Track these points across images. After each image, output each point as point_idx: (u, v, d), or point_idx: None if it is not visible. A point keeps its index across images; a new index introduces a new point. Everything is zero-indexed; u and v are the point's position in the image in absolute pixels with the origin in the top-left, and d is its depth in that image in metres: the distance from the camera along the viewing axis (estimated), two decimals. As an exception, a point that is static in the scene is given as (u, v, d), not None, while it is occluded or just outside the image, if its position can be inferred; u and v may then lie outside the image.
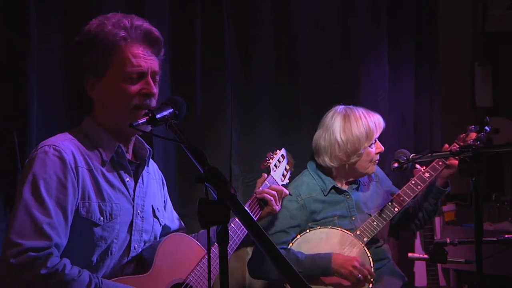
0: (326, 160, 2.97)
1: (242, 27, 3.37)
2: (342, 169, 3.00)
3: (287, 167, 2.76)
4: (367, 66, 3.89)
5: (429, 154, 2.70)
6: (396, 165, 2.83)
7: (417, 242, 4.08)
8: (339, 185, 3.01)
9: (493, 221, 4.17)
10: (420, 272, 3.95)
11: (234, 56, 3.33)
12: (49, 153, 1.95)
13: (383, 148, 2.99)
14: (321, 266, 2.80)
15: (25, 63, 2.51)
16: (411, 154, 2.84)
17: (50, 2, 2.65)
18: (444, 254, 2.53)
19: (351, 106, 3.01)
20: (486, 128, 3.06)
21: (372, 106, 3.50)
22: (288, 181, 2.75)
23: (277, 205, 2.49)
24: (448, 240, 2.54)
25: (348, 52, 3.82)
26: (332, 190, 3.01)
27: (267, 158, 2.67)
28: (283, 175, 2.71)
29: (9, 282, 1.86)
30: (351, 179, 3.05)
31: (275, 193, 2.49)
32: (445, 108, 4.36)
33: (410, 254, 2.82)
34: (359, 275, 2.77)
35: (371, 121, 2.94)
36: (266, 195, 2.47)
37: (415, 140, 4.17)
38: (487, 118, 3.09)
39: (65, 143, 2.00)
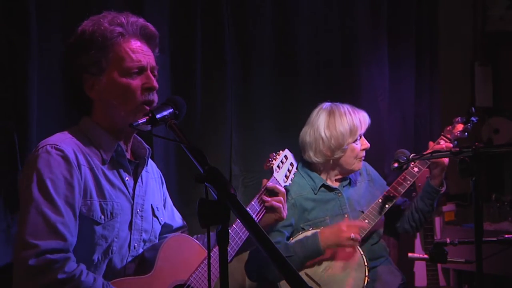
0: (311, 156, 2.99)
1: (242, 27, 3.37)
2: (327, 164, 3.02)
3: (290, 168, 2.75)
4: (367, 66, 3.89)
5: (429, 154, 2.70)
6: (396, 165, 2.83)
7: (417, 242, 4.08)
8: (328, 183, 3.02)
9: (493, 221, 4.18)
10: (420, 272, 3.95)
11: (234, 56, 3.33)
12: (52, 153, 1.95)
13: (368, 144, 3.00)
14: (311, 246, 2.80)
15: (25, 63, 2.50)
16: (411, 154, 2.84)
17: (50, 2, 2.65)
18: (444, 254, 2.53)
19: (337, 103, 3.04)
20: (473, 119, 3.08)
21: (372, 106, 3.51)
22: (290, 182, 2.74)
23: (285, 211, 2.43)
24: (448, 240, 2.54)
25: (348, 52, 3.82)
26: (322, 188, 3.02)
27: (270, 159, 2.65)
28: (285, 176, 2.70)
29: (26, 284, 1.86)
30: (339, 176, 3.06)
31: (281, 198, 2.42)
32: (445, 108, 4.36)
33: (410, 254, 2.82)
34: (352, 234, 2.77)
35: (355, 118, 2.96)
36: (274, 203, 2.39)
37: (415, 140, 4.17)
38: (473, 108, 3.11)
39: (66, 142, 2.00)
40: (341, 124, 2.95)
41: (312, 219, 2.95)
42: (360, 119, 2.97)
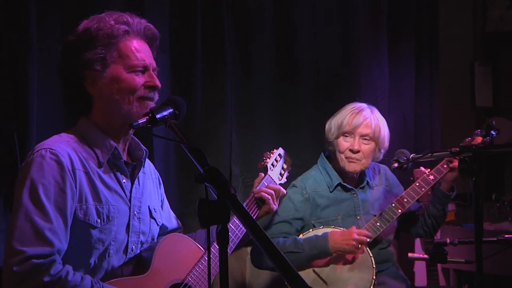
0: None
1: (242, 27, 3.37)
2: (335, 160, 3.06)
3: (285, 166, 2.77)
4: (367, 66, 3.89)
5: (429, 154, 2.70)
6: (396, 165, 2.84)
7: (417, 242, 4.07)
8: (345, 182, 3.03)
9: (493, 221, 4.17)
10: (420, 272, 3.94)
11: (234, 56, 3.33)
12: (46, 157, 1.94)
13: (356, 147, 2.96)
14: (319, 247, 2.82)
15: (25, 63, 2.50)
16: (411, 154, 2.84)
17: (50, 2, 2.65)
18: (444, 254, 2.53)
19: (363, 103, 3.08)
20: (492, 132, 3.05)
21: (372, 106, 3.49)
22: (285, 180, 2.75)
23: (275, 204, 2.49)
24: (448, 240, 2.54)
25: (348, 52, 3.82)
26: (338, 187, 3.03)
27: (264, 158, 2.68)
28: (280, 174, 2.71)
29: None
30: (349, 176, 3.06)
31: (272, 192, 2.48)
32: (445, 108, 4.36)
33: (410, 254, 2.82)
34: (364, 238, 2.81)
35: (349, 116, 2.99)
36: (263, 194, 2.47)
37: (415, 140, 4.17)
38: (493, 122, 3.08)
39: (62, 146, 1.99)
40: (335, 119, 3.03)
41: (324, 217, 2.96)
42: (355, 119, 2.97)
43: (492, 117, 4.66)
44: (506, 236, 2.51)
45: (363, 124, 2.97)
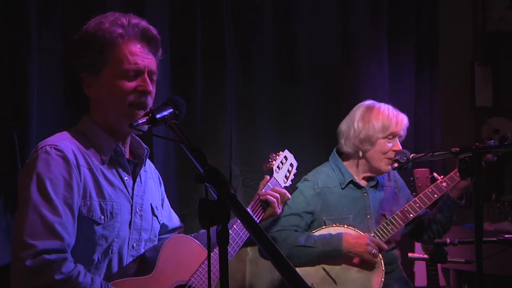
0: (342, 144, 3.05)
1: (242, 27, 3.38)
2: (355, 156, 3.04)
3: (290, 169, 2.76)
4: (367, 66, 3.89)
5: (430, 154, 2.70)
6: (396, 165, 2.84)
7: (417, 242, 4.08)
8: (357, 180, 3.02)
9: (493, 221, 4.17)
10: (420, 272, 3.94)
11: (234, 56, 3.33)
12: (52, 153, 1.95)
13: (400, 147, 2.99)
14: (333, 245, 2.83)
15: (25, 63, 2.51)
16: (411, 154, 2.85)
17: (50, 2, 2.65)
18: (444, 254, 2.53)
19: (381, 103, 3.08)
20: (506, 144, 3.03)
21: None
22: (291, 182, 2.74)
23: (279, 208, 2.49)
24: (448, 240, 2.54)
25: (348, 52, 3.82)
26: (350, 185, 3.04)
27: (269, 160, 2.66)
28: (285, 176, 2.70)
29: (23, 284, 1.86)
30: (368, 174, 3.07)
31: (278, 195, 2.48)
32: (445, 108, 4.36)
33: (410, 254, 2.83)
34: (374, 250, 2.81)
35: (392, 116, 2.99)
36: (269, 197, 2.47)
37: (415, 140, 4.17)
38: (507, 134, 3.07)
39: (65, 143, 2.00)
40: (375, 118, 3.00)
41: (336, 214, 2.96)
42: (398, 119, 3.00)
43: (492, 117, 4.66)
44: (506, 236, 2.51)
45: (404, 125, 3.02)
